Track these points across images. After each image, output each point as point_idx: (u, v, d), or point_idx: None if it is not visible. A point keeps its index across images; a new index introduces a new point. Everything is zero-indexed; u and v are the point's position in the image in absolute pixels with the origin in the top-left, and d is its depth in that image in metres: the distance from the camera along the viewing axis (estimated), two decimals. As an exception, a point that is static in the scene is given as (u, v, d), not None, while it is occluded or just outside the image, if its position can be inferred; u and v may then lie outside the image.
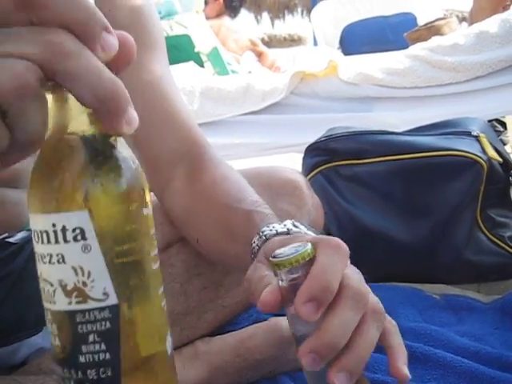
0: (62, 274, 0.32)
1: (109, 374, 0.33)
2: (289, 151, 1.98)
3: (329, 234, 1.24)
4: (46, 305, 0.34)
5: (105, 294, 0.32)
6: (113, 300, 0.33)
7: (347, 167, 1.23)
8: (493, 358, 0.81)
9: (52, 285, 0.33)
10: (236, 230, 0.63)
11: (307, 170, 1.26)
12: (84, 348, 0.33)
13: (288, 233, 0.56)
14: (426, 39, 1.93)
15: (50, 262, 0.32)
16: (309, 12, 6.14)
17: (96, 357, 0.33)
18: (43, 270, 0.33)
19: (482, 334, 0.91)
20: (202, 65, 3.00)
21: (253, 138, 1.86)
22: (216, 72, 3.04)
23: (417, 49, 1.77)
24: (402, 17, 4.04)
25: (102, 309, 0.32)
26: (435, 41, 1.77)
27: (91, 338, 0.33)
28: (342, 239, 1.33)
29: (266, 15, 10.05)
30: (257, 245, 0.56)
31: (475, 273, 1.16)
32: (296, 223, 0.58)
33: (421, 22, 3.69)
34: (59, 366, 0.34)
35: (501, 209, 1.18)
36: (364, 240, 1.22)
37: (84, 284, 0.32)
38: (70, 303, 0.32)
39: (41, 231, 0.32)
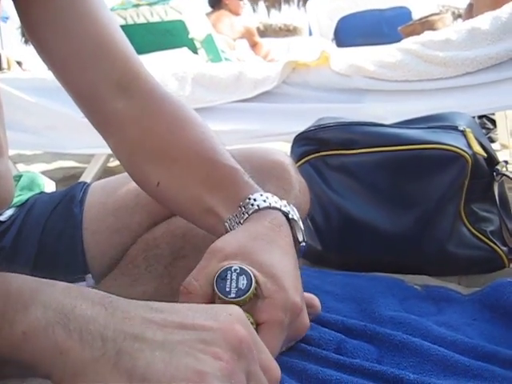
0: None
1: None
2: (278, 139, 1.99)
3: (314, 223, 1.25)
4: None
5: None
6: None
7: (335, 157, 1.24)
8: (469, 348, 0.83)
9: None
10: (216, 183, 0.61)
11: (295, 159, 1.27)
12: None
13: (279, 209, 0.57)
14: (419, 33, 1.94)
15: None
16: (305, 3, 6.13)
17: None
18: None
19: (459, 324, 0.93)
20: (195, 51, 2.99)
21: (243, 126, 1.87)
22: (209, 59, 3.04)
23: (409, 43, 1.78)
24: (397, 10, 4.06)
25: None
26: (427, 35, 1.78)
27: None
28: (327, 229, 1.34)
29: (262, 4, 10.01)
30: (246, 211, 0.56)
31: (456, 265, 1.17)
32: (288, 205, 0.59)
33: (416, 16, 3.70)
34: None
35: (484, 203, 1.19)
36: (349, 230, 1.23)
37: None
38: None
39: None
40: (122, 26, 0.74)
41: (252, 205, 0.57)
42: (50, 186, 0.93)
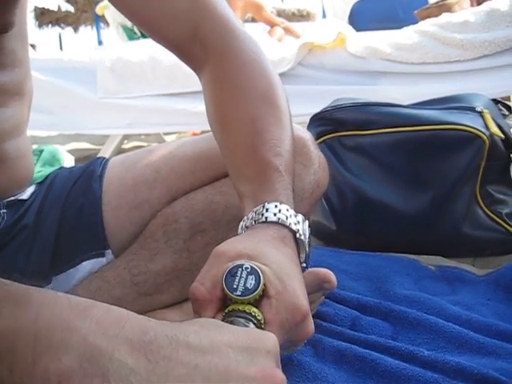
0: None
1: None
2: (293, 121, 1.99)
3: (329, 203, 1.26)
4: None
5: None
6: None
7: (351, 138, 1.24)
8: (483, 326, 0.83)
9: None
10: (250, 174, 0.62)
11: (311, 139, 1.27)
12: None
13: (287, 226, 0.56)
14: (436, 17, 1.93)
15: None
16: (319, -13, 6.07)
17: None
18: None
19: (474, 304, 0.93)
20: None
21: (258, 107, 1.87)
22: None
23: (426, 25, 1.76)
24: (412, -6, 4.00)
25: None
26: (445, 17, 1.77)
27: None
28: (342, 209, 1.34)
29: (275, -12, 9.94)
30: (255, 219, 0.57)
31: (471, 247, 1.18)
32: (302, 222, 0.58)
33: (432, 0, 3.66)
34: None
35: (500, 185, 1.19)
36: (365, 210, 1.24)
37: None
38: None
39: None
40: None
41: (262, 214, 0.56)
42: (69, 161, 0.94)
